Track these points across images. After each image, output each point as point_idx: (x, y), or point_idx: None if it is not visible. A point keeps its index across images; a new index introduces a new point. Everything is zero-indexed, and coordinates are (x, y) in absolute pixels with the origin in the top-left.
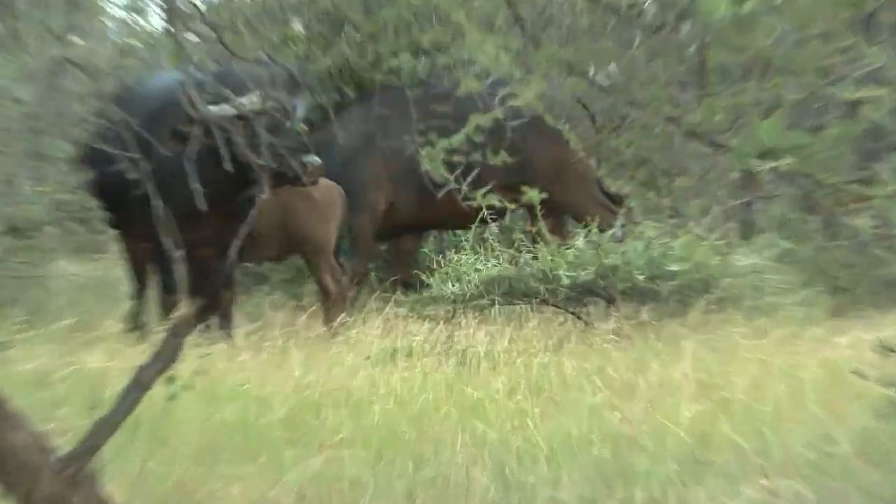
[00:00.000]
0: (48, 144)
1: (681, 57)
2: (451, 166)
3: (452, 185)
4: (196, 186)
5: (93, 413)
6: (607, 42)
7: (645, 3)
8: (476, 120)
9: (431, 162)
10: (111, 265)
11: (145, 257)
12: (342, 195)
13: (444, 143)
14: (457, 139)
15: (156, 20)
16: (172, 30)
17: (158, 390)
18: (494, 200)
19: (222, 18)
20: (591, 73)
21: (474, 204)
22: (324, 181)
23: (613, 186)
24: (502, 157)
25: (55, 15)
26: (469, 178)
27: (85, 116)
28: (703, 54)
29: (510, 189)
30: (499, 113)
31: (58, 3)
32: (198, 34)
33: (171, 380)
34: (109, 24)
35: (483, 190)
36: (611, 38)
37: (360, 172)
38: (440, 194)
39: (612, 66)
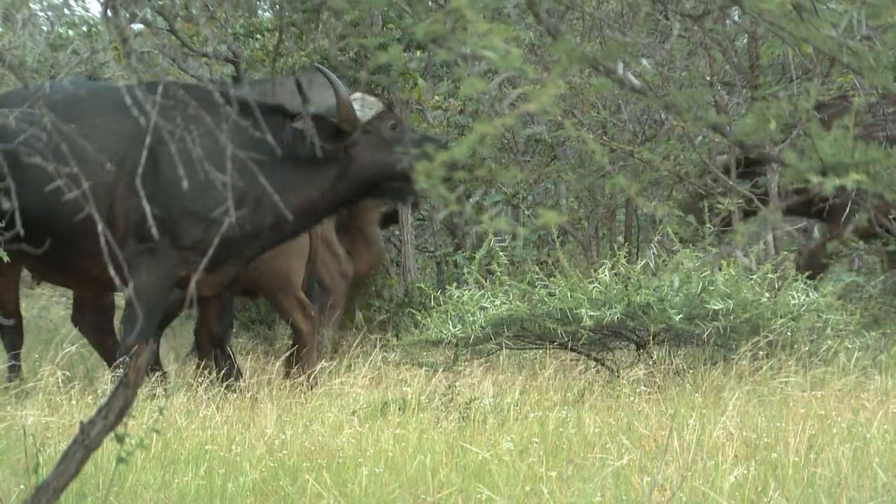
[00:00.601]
0: None
1: (727, 52)
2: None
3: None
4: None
5: (31, 477)
6: (639, 33)
7: None
8: (483, 129)
9: (429, 179)
10: (48, 302)
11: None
12: None
13: (443, 157)
14: (460, 151)
15: (94, 6)
16: (113, 17)
17: (107, 451)
18: (504, 224)
19: (174, 4)
20: (620, 70)
21: (479, 228)
22: None
23: (646, 207)
24: (513, 174)
25: None
26: (474, 198)
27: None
28: (754, 49)
29: None
30: (510, 119)
31: None
32: (145, 22)
33: (121, 438)
34: (39, 11)
35: (493, 212)
36: (643, 28)
37: None
38: (439, 217)
39: (645, 63)
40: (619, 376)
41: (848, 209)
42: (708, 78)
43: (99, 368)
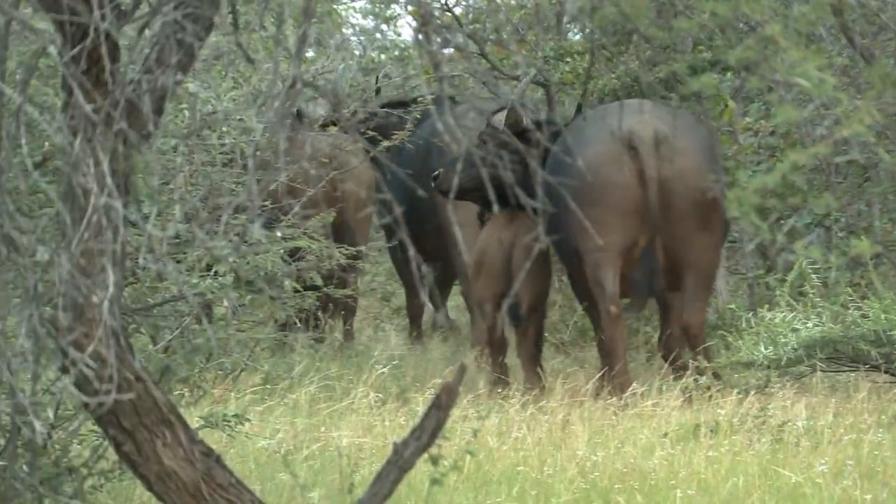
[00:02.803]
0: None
1: None
2: None
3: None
4: None
5: (346, 497)
6: None
7: None
8: (796, 157)
9: (741, 207)
10: (357, 324)
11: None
12: None
13: (756, 183)
14: (772, 179)
15: (406, 31)
16: (426, 42)
17: (421, 472)
18: (817, 253)
19: (485, 28)
20: None
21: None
22: None
23: None
24: (826, 201)
25: (290, 27)
26: (786, 226)
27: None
28: None
29: None
30: (825, 147)
31: (293, 14)
32: (456, 47)
33: (435, 460)
34: (352, 36)
35: (807, 239)
36: None
37: None
38: (751, 246)
39: None
40: None
41: None
42: None
43: (411, 389)
